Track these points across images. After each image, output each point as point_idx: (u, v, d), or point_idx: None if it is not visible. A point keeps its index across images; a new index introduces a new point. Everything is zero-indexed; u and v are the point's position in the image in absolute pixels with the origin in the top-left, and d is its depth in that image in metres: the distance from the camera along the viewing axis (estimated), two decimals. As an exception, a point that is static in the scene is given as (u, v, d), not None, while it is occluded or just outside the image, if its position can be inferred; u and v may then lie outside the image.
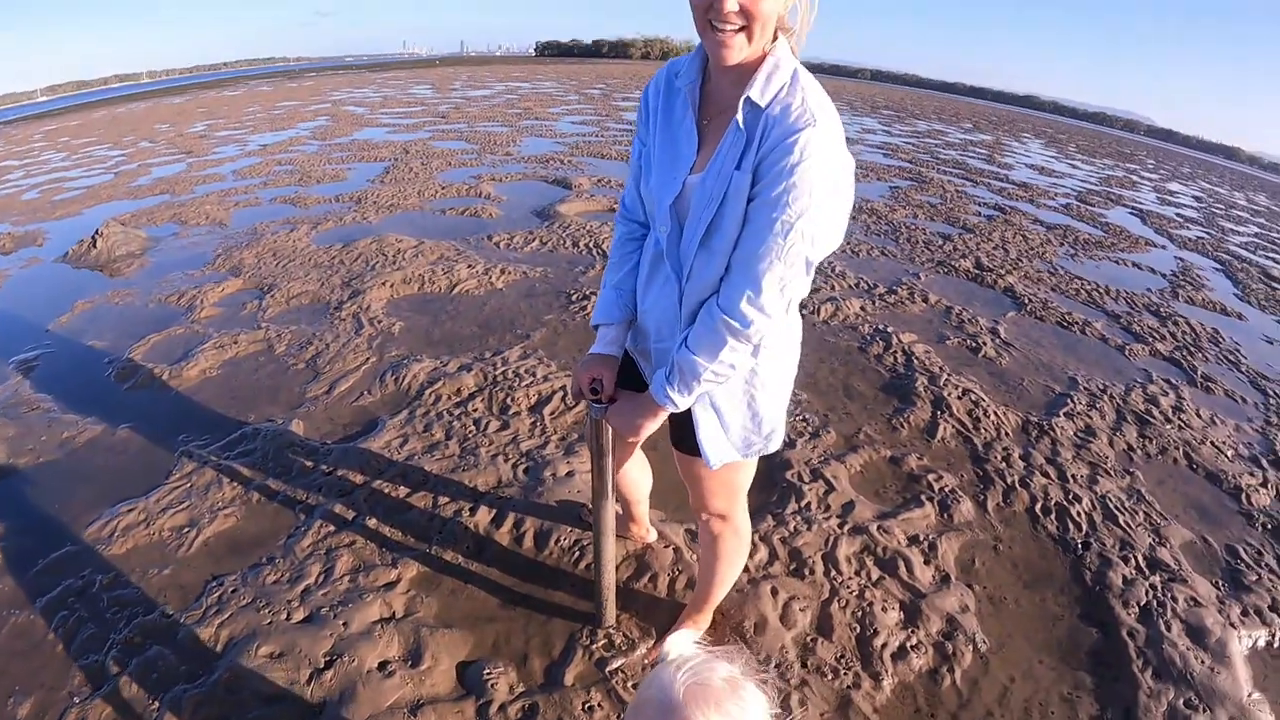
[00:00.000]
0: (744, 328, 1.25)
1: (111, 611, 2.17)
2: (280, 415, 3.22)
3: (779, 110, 1.18)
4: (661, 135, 1.38)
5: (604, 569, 1.94)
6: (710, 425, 1.48)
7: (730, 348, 1.28)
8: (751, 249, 1.21)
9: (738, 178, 1.21)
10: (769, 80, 1.20)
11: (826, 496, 2.83)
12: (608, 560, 1.91)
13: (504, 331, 4.17)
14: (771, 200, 1.17)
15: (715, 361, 1.30)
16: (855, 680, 2.05)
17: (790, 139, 1.15)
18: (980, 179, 11.97)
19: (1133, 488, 3.18)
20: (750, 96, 1.19)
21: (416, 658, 2.00)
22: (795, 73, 1.22)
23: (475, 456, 2.94)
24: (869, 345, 4.32)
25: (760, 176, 1.19)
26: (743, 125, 1.20)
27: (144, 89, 47.75)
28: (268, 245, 5.63)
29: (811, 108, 1.17)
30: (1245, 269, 8.42)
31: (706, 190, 1.25)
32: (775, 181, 1.16)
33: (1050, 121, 51.86)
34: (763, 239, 1.19)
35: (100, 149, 12.43)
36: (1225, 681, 2.20)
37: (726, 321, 1.25)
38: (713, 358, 1.30)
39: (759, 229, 1.20)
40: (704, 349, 1.30)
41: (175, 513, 2.58)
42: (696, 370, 1.32)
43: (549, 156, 9.97)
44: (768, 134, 1.18)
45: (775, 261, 1.20)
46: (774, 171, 1.16)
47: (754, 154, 1.19)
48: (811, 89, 1.21)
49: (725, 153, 1.23)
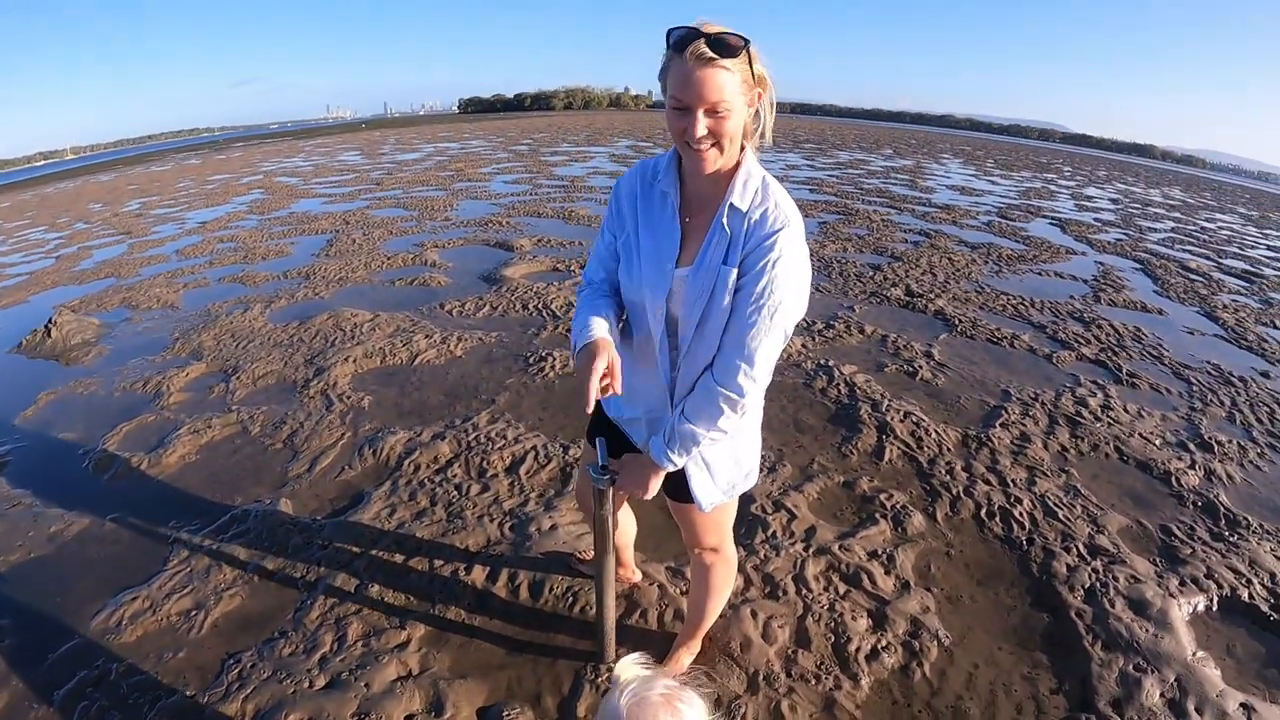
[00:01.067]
0: (740, 397, 1.49)
1: (133, 697, 2.25)
2: (267, 495, 3.34)
3: (758, 215, 1.44)
4: (645, 232, 1.59)
5: (605, 614, 2.11)
6: (701, 476, 1.71)
7: (725, 415, 1.52)
8: (743, 331, 1.45)
9: (724, 271, 1.45)
10: (745, 187, 1.45)
11: (790, 524, 3.08)
12: (609, 606, 2.09)
13: (469, 398, 4.34)
14: (759, 291, 1.42)
15: (713, 428, 1.54)
16: (836, 683, 2.28)
17: (770, 240, 1.41)
18: (905, 205, 12.60)
19: (1069, 484, 3.50)
20: (734, 203, 1.44)
21: (439, 708, 2.17)
22: (765, 180, 1.47)
23: (462, 519, 3.11)
24: (813, 380, 4.62)
25: (745, 270, 1.44)
26: (728, 227, 1.45)
27: (70, 166, 46.71)
28: (224, 326, 5.72)
29: (785, 211, 1.44)
30: (1164, 265, 9.09)
31: (698, 283, 1.49)
32: (760, 275, 1.42)
33: (968, 139, 54.19)
34: (753, 322, 1.43)
35: (35, 231, 12.28)
36: (1169, 645, 2.49)
37: (724, 394, 1.49)
38: (711, 425, 1.53)
39: (748, 314, 1.44)
40: (703, 418, 1.53)
41: (180, 597, 2.68)
42: (696, 438, 1.56)
43: (487, 219, 10.20)
44: (751, 234, 1.43)
45: (764, 339, 1.45)
46: (758, 267, 1.42)
47: (739, 250, 1.44)
48: (779, 193, 1.47)
49: (712, 250, 1.47)
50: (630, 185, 1.63)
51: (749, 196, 1.45)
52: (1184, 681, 2.34)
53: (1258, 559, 3.01)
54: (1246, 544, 3.12)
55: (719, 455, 1.72)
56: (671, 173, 1.55)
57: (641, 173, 1.63)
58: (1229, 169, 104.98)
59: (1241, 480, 3.68)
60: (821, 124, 60.30)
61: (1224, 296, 7.72)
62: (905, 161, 23.72)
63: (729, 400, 1.50)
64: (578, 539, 2.92)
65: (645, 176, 1.62)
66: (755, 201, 1.45)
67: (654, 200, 1.59)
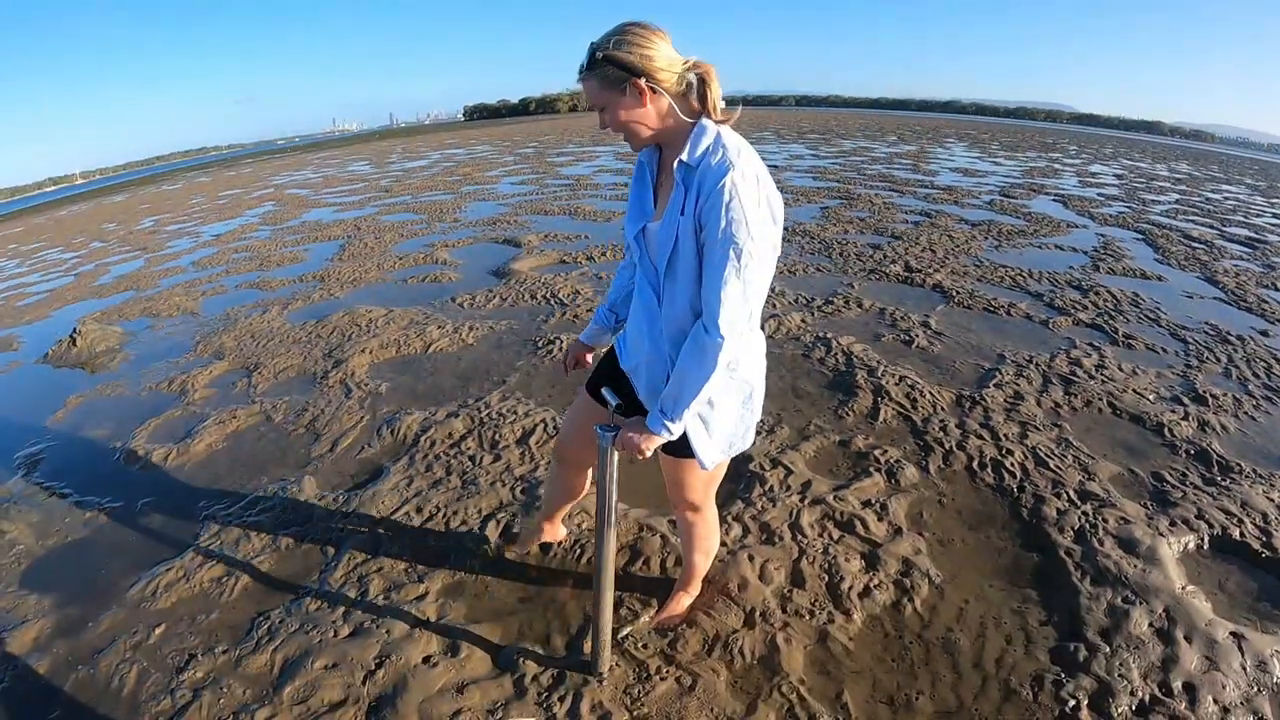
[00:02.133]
0: (719, 338, 1.57)
1: (170, 656, 2.41)
2: (291, 475, 3.51)
3: (705, 165, 1.56)
4: (634, 195, 1.82)
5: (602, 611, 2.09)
6: (700, 434, 1.82)
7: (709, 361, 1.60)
8: (712, 276, 1.56)
9: (683, 222, 1.59)
10: (695, 145, 1.59)
11: (786, 479, 3.21)
12: (606, 603, 2.07)
13: (482, 380, 4.50)
14: (719, 236, 1.53)
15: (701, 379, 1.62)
16: (830, 618, 2.41)
17: (717, 185, 1.52)
18: (906, 188, 12.67)
19: (1061, 437, 3.60)
20: (681, 159, 1.59)
21: (455, 650, 2.32)
22: (718, 134, 1.60)
23: (476, 485, 3.27)
24: (812, 351, 4.74)
25: (704, 221, 1.55)
26: (680, 181, 1.60)
27: (81, 190, 47.41)
28: (244, 328, 5.91)
29: (730, 156, 1.55)
30: (1165, 235, 9.14)
31: (664, 233, 1.64)
32: (716, 221, 1.53)
33: (973, 123, 53.97)
34: (720, 267, 1.54)
35: (52, 252, 12.58)
36: (1158, 578, 2.59)
37: (709, 340, 1.58)
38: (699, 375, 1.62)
39: (715, 260, 1.55)
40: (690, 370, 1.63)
41: (211, 567, 2.85)
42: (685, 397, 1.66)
43: (495, 218, 10.39)
44: (701, 184, 1.56)
45: (735, 281, 1.54)
46: (714, 215, 1.53)
47: (693, 203, 1.57)
48: (731, 143, 1.59)
49: (673, 205, 1.62)
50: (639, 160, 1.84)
51: (698, 151, 1.58)
52: (1172, 612, 2.42)
53: (1250, 500, 3.09)
54: (1239, 487, 3.20)
55: (719, 414, 1.82)
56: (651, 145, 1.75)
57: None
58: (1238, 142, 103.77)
59: (1236, 430, 3.76)
60: (826, 115, 60.27)
61: (1226, 262, 7.74)
62: (909, 147, 23.73)
63: (714, 345, 1.59)
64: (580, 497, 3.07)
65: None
66: (705, 154, 1.58)
67: (640, 167, 1.82)
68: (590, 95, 1.61)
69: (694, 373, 1.63)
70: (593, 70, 1.57)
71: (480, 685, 2.18)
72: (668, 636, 2.33)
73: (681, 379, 1.65)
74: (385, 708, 2.13)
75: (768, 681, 2.17)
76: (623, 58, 1.54)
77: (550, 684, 2.17)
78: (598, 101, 1.61)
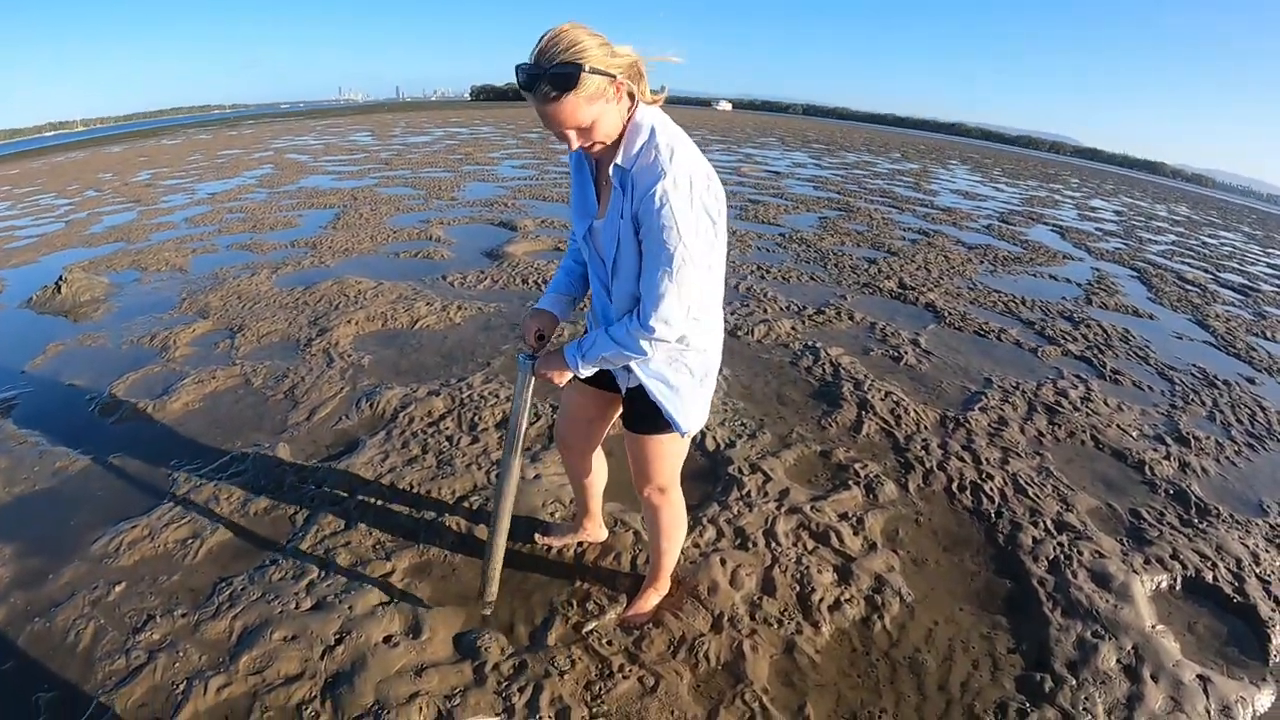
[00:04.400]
0: (650, 335, 1.63)
1: (129, 616, 2.36)
2: (266, 440, 3.46)
3: (638, 169, 1.56)
4: (575, 190, 1.81)
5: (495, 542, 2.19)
6: (675, 403, 1.86)
7: (639, 349, 1.69)
8: (651, 278, 1.59)
9: (623, 226, 1.61)
10: (628, 146, 1.57)
11: (765, 485, 3.20)
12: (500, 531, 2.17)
13: (466, 361, 4.47)
14: (655, 242, 1.55)
15: (619, 354, 1.73)
16: (798, 628, 2.40)
17: (649, 193, 1.52)
18: (906, 206, 12.70)
19: (1042, 466, 3.60)
20: (616, 163, 1.58)
21: (416, 631, 2.29)
22: (652, 130, 1.58)
23: (451, 466, 3.23)
24: (799, 360, 4.73)
25: (640, 223, 1.57)
26: (618, 185, 1.59)
27: (80, 138, 46.87)
28: (231, 289, 5.84)
29: (662, 161, 1.53)
30: (1160, 274, 9.16)
31: (607, 233, 1.66)
32: (651, 226, 1.54)
33: (978, 147, 54.22)
34: (657, 269, 1.57)
35: (46, 198, 12.38)
36: (1129, 615, 2.59)
37: (641, 331, 1.64)
38: (624, 353, 1.72)
39: (653, 263, 1.58)
40: (620, 345, 1.71)
41: (177, 527, 2.80)
42: (601, 355, 1.75)
43: (493, 200, 10.34)
44: (635, 188, 1.56)
45: (669, 284, 1.56)
46: (648, 221, 1.54)
47: (630, 205, 1.58)
48: (664, 142, 1.56)
49: (613, 207, 1.62)
50: (576, 153, 1.74)
51: (631, 153, 1.57)
52: (1141, 650, 2.42)
53: (1225, 545, 3.09)
54: (1215, 531, 3.20)
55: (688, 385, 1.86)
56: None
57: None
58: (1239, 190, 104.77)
59: (1216, 473, 3.77)
60: (831, 126, 60.38)
61: (1218, 307, 7.78)
62: (912, 165, 23.82)
63: (644, 336, 1.65)
64: (561, 489, 3.05)
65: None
66: (639, 156, 1.56)
67: (580, 163, 1.77)
68: (565, 119, 1.48)
69: (616, 344, 1.71)
70: (572, 89, 1.44)
71: (440, 669, 2.15)
72: (633, 635, 2.31)
73: (605, 343, 1.74)
74: (342, 685, 2.09)
75: (731, 688, 2.15)
76: (602, 65, 1.46)
77: (511, 673, 2.14)
78: (580, 121, 1.49)
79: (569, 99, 1.44)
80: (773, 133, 35.19)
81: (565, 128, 1.50)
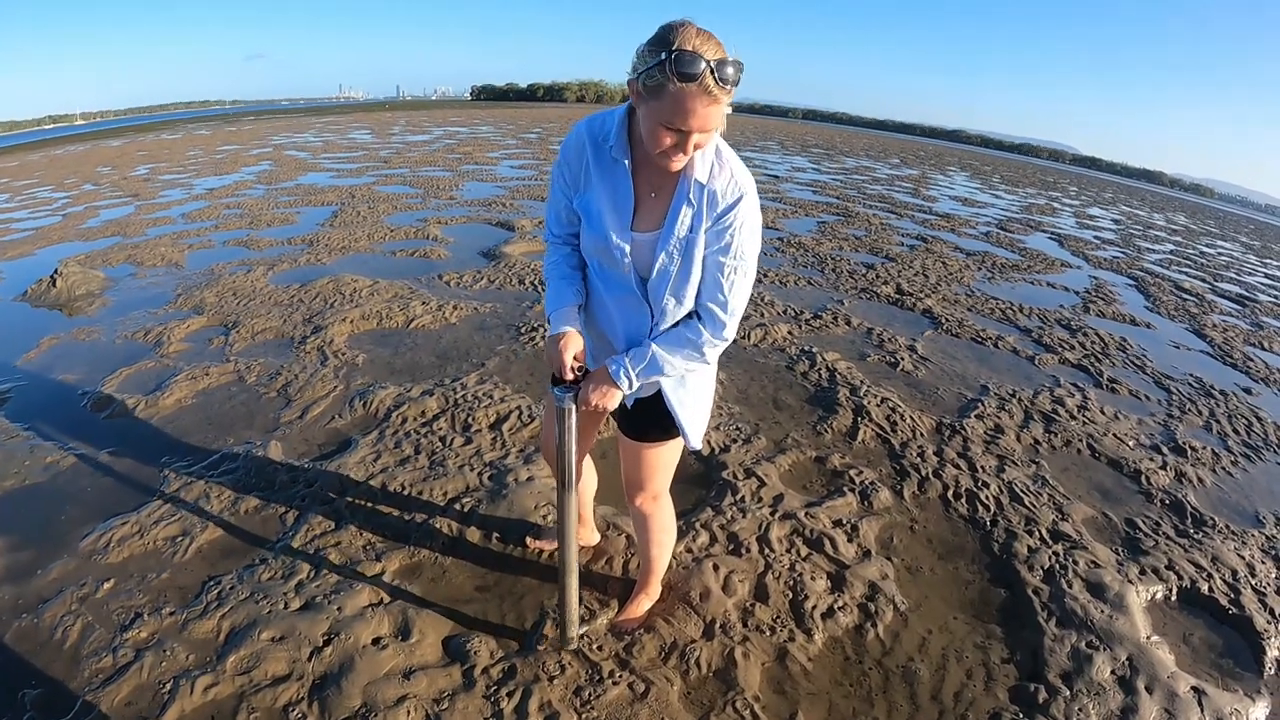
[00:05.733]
0: (720, 342, 1.67)
1: (117, 613, 2.34)
2: (258, 438, 3.44)
3: (718, 185, 1.56)
4: (604, 196, 1.64)
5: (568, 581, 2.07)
6: (689, 415, 1.86)
7: (700, 356, 1.69)
8: (720, 289, 1.62)
9: (692, 239, 1.58)
10: (704, 160, 1.55)
11: (759, 490, 3.18)
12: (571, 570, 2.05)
13: (460, 361, 4.45)
14: (730, 256, 1.58)
15: (681, 364, 1.69)
16: (790, 635, 2.38)
17: (732, 210, 1.55)
18: (905, 211, 12.71)
19: (1038, 475, 3.60)
20: (698, 179, 1.55)
21: (406, 633, 2.27)
22: (718, 148, 1.57)
23: (444, 467, 3.21)
24: (796, 364, 4.72)
25: (715, 239, 1.58)
26: (694, 200, 1.56)
27: (79, 131, 46.79)
28: (227, 285, 5.81)
29: (739, 180, 1.56)
30: (1158, 283, 9.20)
31: (667, 250, 1.60)
32: (730, 243, 1.58)
33: (977, 154, 54.31)
34: (731, 282, 1.61)
35: (43, 190, 12.34)
36: (1123, 626, 2.58)
37: (715, 340, 1.66)
38: (683, 360, 1.69)
39: (725, 274, 1.60)
40: (677, 354, 1.68)
41: (167, 524, 2.78)
42: (661, 368, 1.69)
43: (491, 200, 10.32)
44: (712, 203, 1.56)
45: (737, 293, 1.62)
46: (726, 235, 1.57)
47: (703, 220, 1.57)
48: (733, 161, 1.59)
49: (679, 221, 1.58)
50: (579, 147, 1.66)
51: (708, 169, 1.56)
52: (1135, 661, 2.42)
53: (1221, 556, 3.09)
54: (1211, 541, 3.20)
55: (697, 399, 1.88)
56: (623, 138, 1.58)
57: (590, 134, 1.65)
58: (1237, 199, 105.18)
59: (1212, 484, 3.77)
60: (832, 131, 60.40)
61: (1215, 317, 7.81)
62: (911, 171, 23.83)
63: (712, 345, 1.67)
64: (553, 491, 3.01)
65: (595, 138, 1.64)
66: (714, 172, 1.56)
67: (606, 164, 1.64)
68: (714, 120, 1.40)
69: (681, 356, 1.69)
70: (736, 85, 1.38)
71: (428, 673, 2.13)
72: (624, 640, 2.29)
73: (663, 361, 1.68)
74: (329, 686, 2.08)
75: (722, 695, 2.14)
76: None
77: (500, 678, 2.13)
78: (716, 124, 1.42)
79: (724, 98, 1.38)
80: (772, 137, 35.19)
81: (706, 130, 1.41)
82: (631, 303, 1.73)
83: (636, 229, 1.64)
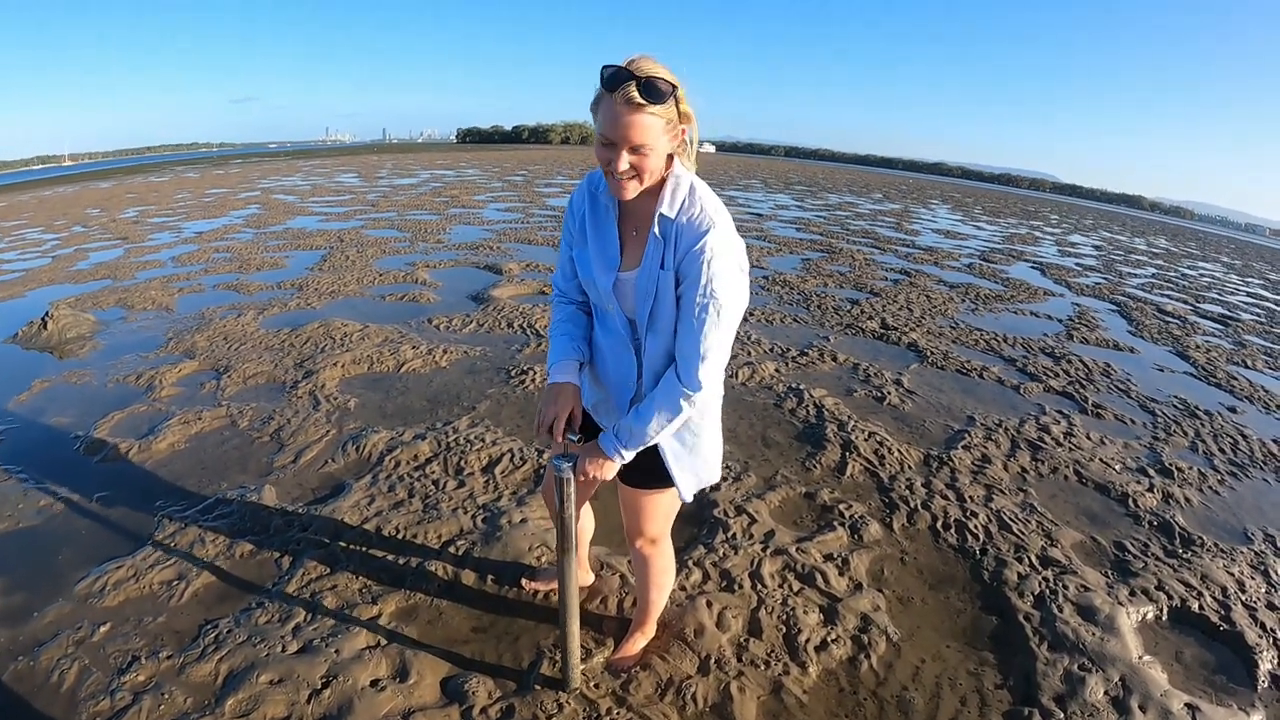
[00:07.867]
0: (695, 391, 1.64)
1: (114, 656, 2.34)
2: (252, 482, 3.45)
3: (685, 220, 1.58)
4: (593, 239, 1.74)
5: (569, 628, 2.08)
6: (679, 466, 1.86)
7: (682, 408, 1.67)
8: (694, 330, 1.60)
9: (663, 276, 1.61)
10: (673, 196, 1.59)
11: (750, 527, 3.22)
12: (573, 617, 2.07)
13: (451, 404, 4.48)
14: (700, 291, 1.56)
15: (668, 421, 1.69)
16: (785, 669, 2.41)
17: (699, 243, 1.55)
18: (888, 246, 12.89)
19: (1026, 502, 3.65)
20: (662, 212, 1.59)
21: (404, 675, 2.29)
22: (692, 185, 1.61)
23: (437, 511, 3.24)
24: (783, 401, 4.77)
25: (684, 275, 1.59)
26: (660, 234, 1.60)
27: (68, 172, 46.85)
28: (218, 329, 5.84)
29: (709, 213, 1.58)
30: (1140, 308, 9.37)
31: (642, 287, 1.64)
32: (697, 277, 1.56)
33: (958, 186, 55.07)
34: (702, 320, 1.58)
35: (32, 232, 12.38)
36: (1115, 647, 2.61)
37: (683, 390, 1.64)
38: (667, 417, 1.68)
39: (696, 314, 1.58)
40: (659, 413, 1.68)
41: (163, 568, 2.79)
42: (646, 434, 1.71)
43: (479, 243, 10.41)
44: (680, 239, 1.58)
45: (713, 334, 1.59)
46: (694, 270, 1.56)
47: (673, 256, 1.59)
48: (707, 197, 1.61)
49: (651, 256, 1.62)
50: (580, 201, 1.78)
51: (677, 204, 1.59)
52: (1128, 681, 2.45)
53: (1210, 574, 3.14)
54: (1200, 560, 3.25)
55: (689, 449, 1.87)
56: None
57: (589, 186, 1.76)
58: (1217, 220, 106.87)
59: (1200, 503, 3.83)
60: (814, 168, 61.20)
61: (1198, 338, 7.97)
62: (894, 205, 24.18)
63: (685, 396, 1.65)
64: (547, 533, 3.05)
65: (591, 189, 1.76)
66: (683, 208, 1.59)
67: (599, 212, 1.74)
68: (638, 132, 1.47)
69: (661, 415, 1.68)
70: (659, 103, 1.45)
71: (427, 713, 2.15)
72: (621, 678, 2.31)
73: (646, 417, 1.69)
74: (327, 729, 2.09)
75: (718, 730, 2.15)
76: (684, 104, 1.49)
77: (499, 717, 2.14)
78: (647, 140, 1.48)
79: (652, 112, 1.45)
80: (756, 175, 35.68)
81: (631, 142, 1.47)
82: (620, 347, 1.79)
83: (623, 269, 1.70)
